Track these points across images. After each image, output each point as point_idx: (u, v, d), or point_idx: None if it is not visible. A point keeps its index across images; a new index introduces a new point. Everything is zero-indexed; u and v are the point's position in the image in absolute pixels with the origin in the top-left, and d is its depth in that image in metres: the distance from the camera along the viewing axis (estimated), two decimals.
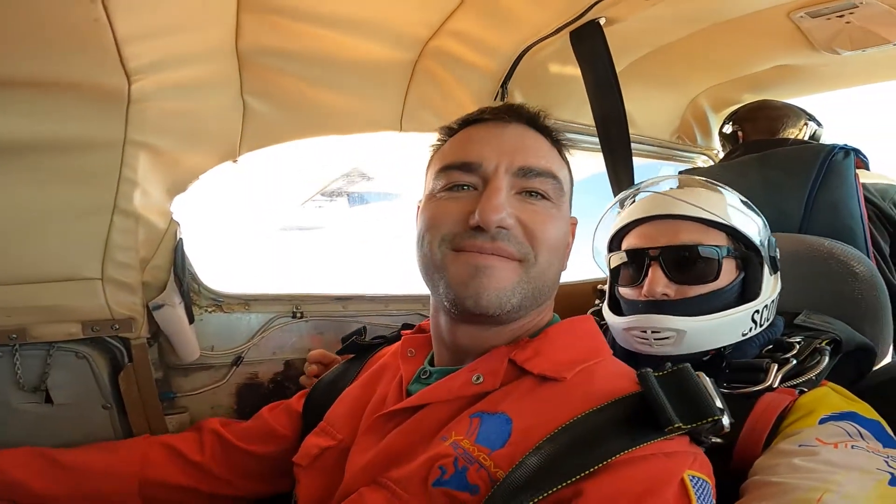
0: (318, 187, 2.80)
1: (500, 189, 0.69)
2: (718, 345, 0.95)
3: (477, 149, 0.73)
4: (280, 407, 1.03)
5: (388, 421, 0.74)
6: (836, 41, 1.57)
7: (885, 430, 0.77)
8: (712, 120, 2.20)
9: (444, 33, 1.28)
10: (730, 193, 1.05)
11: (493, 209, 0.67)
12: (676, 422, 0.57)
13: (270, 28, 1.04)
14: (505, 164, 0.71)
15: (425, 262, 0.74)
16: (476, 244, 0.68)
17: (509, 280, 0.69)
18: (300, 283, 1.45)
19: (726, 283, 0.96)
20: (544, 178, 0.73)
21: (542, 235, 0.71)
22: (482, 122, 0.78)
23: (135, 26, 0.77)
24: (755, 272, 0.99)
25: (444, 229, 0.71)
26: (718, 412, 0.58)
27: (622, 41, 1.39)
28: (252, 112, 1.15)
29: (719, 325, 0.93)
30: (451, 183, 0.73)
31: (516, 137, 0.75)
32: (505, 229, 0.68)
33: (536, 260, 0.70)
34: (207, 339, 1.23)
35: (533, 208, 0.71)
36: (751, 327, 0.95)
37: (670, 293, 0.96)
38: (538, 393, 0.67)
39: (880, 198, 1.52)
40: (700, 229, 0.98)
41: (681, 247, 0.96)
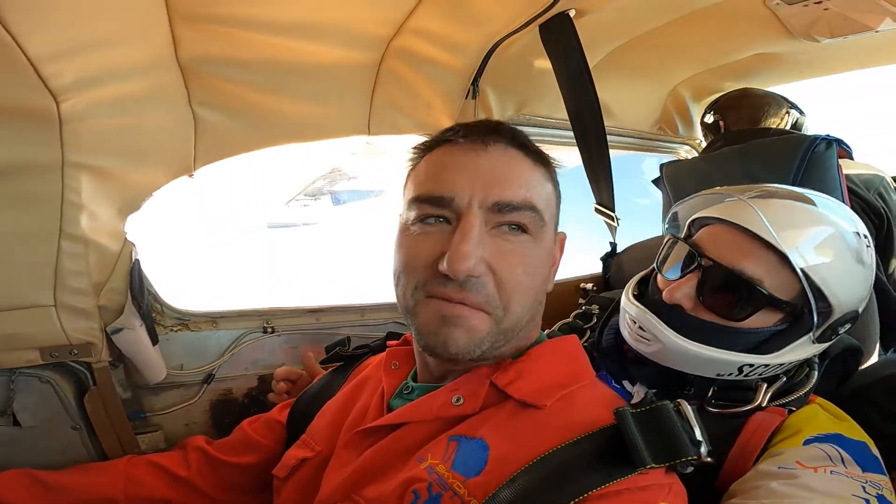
0: (301, 187, 2.77)
1: (470, 230, 0.64)
2: (690, 371, 0.90)
3: (450, 180, 0.68)
4: (260, 420, 1.02)
5: (367, 437, 0.73)
6: (815, 28, 1.53)
7: (869, 452, 0.76)
8: (693, 109, 2.17)
9: (406, 32, 1.23)
10: (853, 227, 0.88)
11: (462, 257, 0.62)
12: (649, 463, 0.56)
13: (210, 38, 0.99)
14: (479, 198, 0.66)
15: (401, 304, 0.72)
16: (445, 292, 0.65)
17: (479, 330, 0.66)
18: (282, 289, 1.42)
19: (747, 328, 0.86)
20: (522, 211, 0.67)
21: (514, 282, 0.67)
22: (455, 144, 0.71)
23: (49, 45, 0.74)
24: (793, 334, 0.87)
25: (417, 275, 0.67)
26: (693, 452, 0.57)
27: (594, 32, 1.35)
28: (204, 124, 1.10)
29: (698, 356, 0.87)
30: (423, 215, 0.69)
31: (492, 165, 0.68)
32: (475, 277, 0.64)
33: (507, 310, 0.67)
34: (176, 357, 1.22)
35: (507, 249, 0.67)
36: (731, 374, 0.88)
37: (686, 306, 0.89)
38: (517, 419, 0.66)
39: (865, 189, 1.48)
40: (772, 264, 0.84)
41: (732, 274, 0.85)
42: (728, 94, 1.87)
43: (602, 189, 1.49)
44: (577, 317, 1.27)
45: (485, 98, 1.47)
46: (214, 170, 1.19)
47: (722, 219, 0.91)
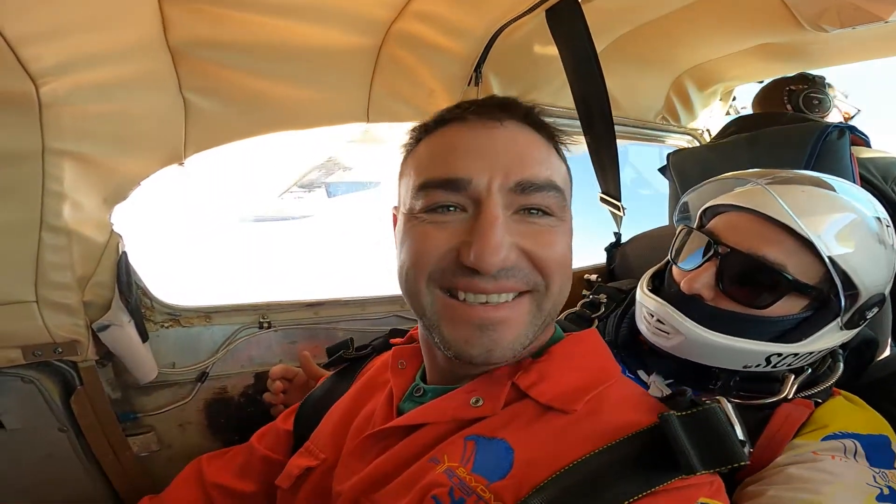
0: (295, 178, 2.71)
1: (496, 219, 0.58)
2: (715, 364, 0.86)
3: (463, 160, 0.61)
4: (269, 433, 0.95)
5: (378, 441, 0.68)
6: (824, 18, 1.49)
7: (886, 447, 0.74)
8: (696, 99, 2.14)
9: (408, 15, 1.19)
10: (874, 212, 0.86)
11: (492, 251, 0.56)
12: (699, 469, 0.53)
13: (202, 19, 0.95)
14: (499, 180, 0.59)
15: (411, 300, 0.65)
16: (474, 285, 0.59)
17: (521, 324, 0.61)
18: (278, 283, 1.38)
19: (774, 315, 0.83)
20: (546, 191, 0.61)
21: (552, 262, 0.61)
22: (464, 122, 0.64)
23: (28, 27, 0.70)
24: (820, 320, 0.84)
25: (431, 266, 0.61)
26: (745, 456, 0.54)
27: (601, 19, 1.31)
28: (195, 110, 1.05)
29: (724, 347, 0.83)
30: (433, 203, 0.61)
31: (509, 143, 0.62)
32: (507, 269, 0.59)
33: (548, 290, 0.62)
34: (167, 355, 1.18)
35: (536, 230, 0.61)
36: (759, 364, 0.84)
37: (706, 296, 0.85)
38: (543, 423, 0.61)
39: (881, 179, 1.43)
40: (794, 249, 0.81)
41: (752, 259, 0.82)
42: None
43: (608, 178, 1.46)
44: (584, 306, 1.23)
45: (487, 85, 1.43)
46: (208, 159, 1.14)
47: (738, 206, 0.88)
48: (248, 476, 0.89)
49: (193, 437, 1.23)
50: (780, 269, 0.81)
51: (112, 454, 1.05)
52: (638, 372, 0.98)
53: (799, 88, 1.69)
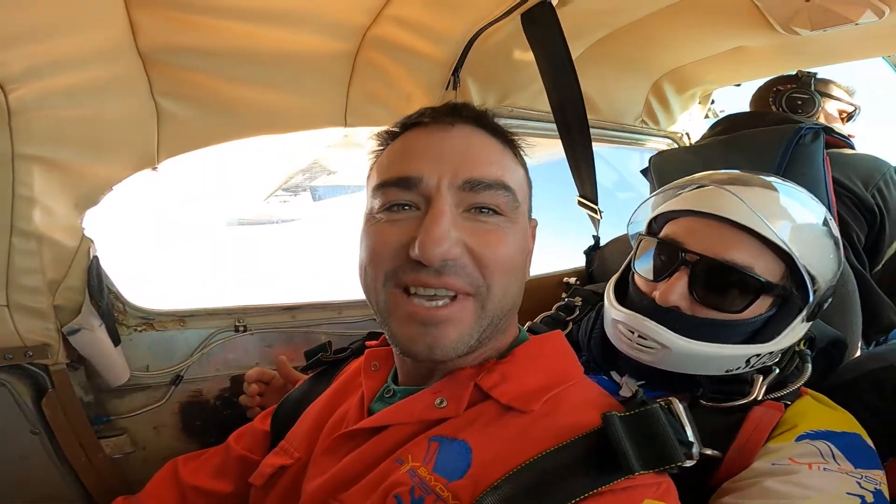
0: (279, 182, 2.70)
1: (442, 213, 0.60)
2: (697, 372, 0.86)
3: (416, 160, 0.64)
4: (247, 433, 0.96)
5: (347, 441, 0.70)
6: (795, 21, 1.52)
7: (862, 444, 0.75)
8: (675, 102, 2.16)
9: (384, 20, 1.19)
10: (820, 212, 0.89)
11: (435, 241, 0.58)
12: (637, 469, 0.54)
13: (171, 25, 0.95)
14: (448, 177, 0.62)
15: (370, 299, 0.67)
16: (420, 279, 0.60)
17: (465, 324, 0.62)
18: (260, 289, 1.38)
19: (746, 318, 0.84)
20: (495, 190, 0.64)
21: (495, 261, 0.63)
22: (421, 127, 0.68)
23: None
24: (787, 316, 0.86)
25: (386, 264, 0.63)
26: (681, 456, 0.56)
27: (578, 23, 1.32)
28: (168, 115, 1.05)
29: (708, 355, 0.84)
30: (388, 202, 0.64)
31: (461, 143, 0.65)
32: (452, 260, 0.60)
33: (490, 291, 0.63)
34: (140, 359, 1.18)
35: (483, 228, 0.63)
36: (739, 367, 0.86)
37: (683, 307, 0.85)
38: (502, 422, 0.63)
39: (862, 185, 1.43)
40: (757, 250, 0.83)
41: (724, 266, 0.82)
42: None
43: (585, 182, 1.47)
44: (559, 309, 1.24)
45: (465, 89, 1.44)
46: (193, 164, 1.14)
47: (695, 210, 0.88)
48: (225, 476, 0.89)
49: (168, 440, 1.23)
50: (749, 271, 0.82)
51: (84, 456, 1.04)
52: (611, 373, 0.99)
53: (784, 88, 1.70)
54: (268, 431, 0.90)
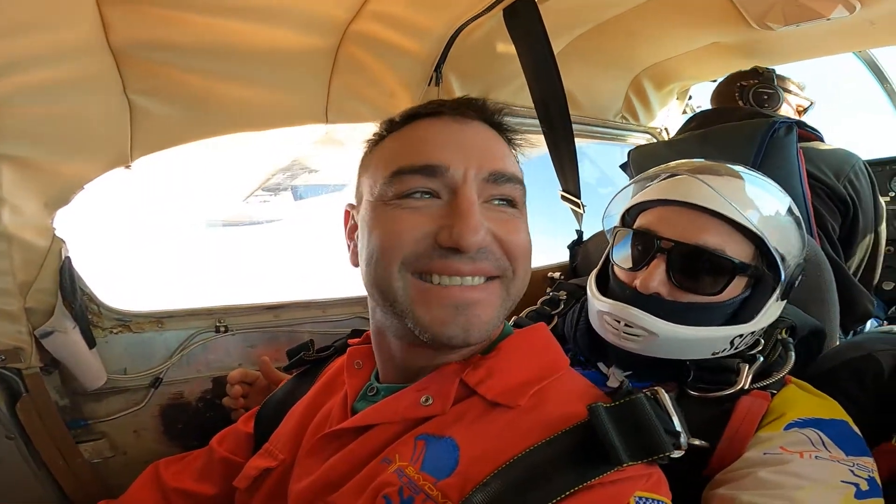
0: (259, 181, 2.66)
1: (473, 202, 0.61)
2: (684, 357, 0.88)
3: (439, 149, 0.64)
4: (230, 436, 0.94)
5: (331, 442, 0.69)
6: (769, 16, 1.55)
7: (849, 431, 0.76)
8: (654, 98, 2.19)
9: (365, 15, 1.18)
10: (783, 197, 0.93)
11: (472, 230, 0.59)
12: (626, 461, 0.54)
13: (143, 20, 0.93)
14: (474, 169, 0.63)
15: (381, 288, 0.64)
16: (452, 266, 0.60)
17: (494, 305, 0.64)
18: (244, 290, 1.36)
19: (725, 299, 0.87)
20: (513, 183, 0.66)
21: (518, 248, 0.65)
22: (438, 117, 0.68)
23: None
24: (762, 296, 0.89)
25: (405, 249, 0.61)
26: (668, 447, 0.56)
27: (558, 18, 1.33)
28: (141, 112, 1.03)
29: (694, 339, 0.86)
30: (409, 189, 0.62)
31: (480, 138, 0.67)
32: (484, 248, 0.61)
33: (515, 274, 0.65)
34: (117, 361, 1.15)
35: (504, 218, 0.65)
36: (724, 349, 0.88)
37: (663, 293, 0.87)
38: (489, 418, 0.63)
39: (834, 176, 1.46)
40: (727, 233, 0.86)
41: (698, 249, 0.85)
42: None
43: (568, 176, 1.48)
44: (544, 303, 1.25)
45: (448, 85, 1.43)
46: (164, 163, 1.11)
47: (666, 199, 0.91)
48: (209, 479, 0.87)
49: (149, 443, 1.20)
50: (721, 253, 0.85)
51: (62, 461, 1.02)
52: (598, 364, 0.99)
53: (749, 84, 1.72)
54: (251, 433, 0.89)
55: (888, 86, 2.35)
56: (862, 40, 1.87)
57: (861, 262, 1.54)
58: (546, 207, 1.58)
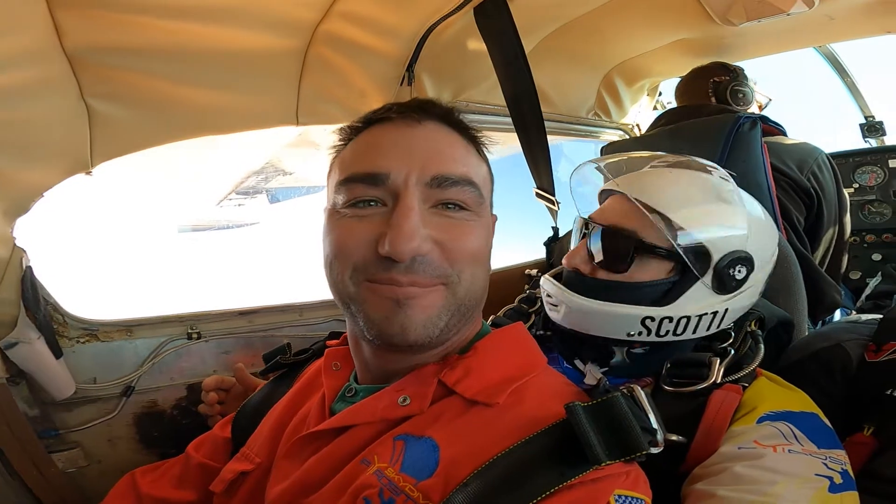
0: (232, 185, 2.60)
1: (411, 209, 0.60)
2: (602, 334, 0.92)
3: (383, 156, 0.63)
4: (206, 442, 0.92)
5: (309, 444, 0.68)
6: (731, 12, 1.60)
7: (820, 423, 0.77)
8: (625, 94, 2.22)
9: (334, 16, 1.17)
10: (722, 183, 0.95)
11: (406, 238, 0.58)
12: (605, 460, 0.54)
13: (98, 25, 0.90)
14: (416, 173, 0.62)
15: (338, 292, 0.65)
16: (390, 277, 0.60)
17: (435, 305, 0.62)
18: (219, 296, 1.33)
19: (641, 281, 0.91)
20: (461, 186, 0.64)
21: (463, 253, 0.63)
22: (388, 122, 0.67)
23: None
24: (684, 283, 0.90)
25: (354, 258, 0.62)
26: (646, 445, 0.56)
27: (529, 16, 1.34)
28: (100, 117, 1.00)
29: (599, 312, 0.90)
30: (354, 198, 0.63)
31: (428, 140, 0.65)
32: (421, 256, 0.60)
33: (460, 279, 0.64)
34: (86, 371, 1.13)
35: (451, 223, 0.64)
36: (640, 331, 0.89)
37: (584, 269, 0.94)
38: (468, 417, 0.62)
39: (797, 169, 1.50)
40: (645, 221, 0.90)
41: (610, 229, 0.93)
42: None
43: (542, 174, 1.49)
44: (521, 301, 1.25)
45: (420, 85, 1.43)
46: (130, 169, 1.08)
47: (609, 189, 1.01)
48: (187, 485, 0.86)
49: (125, 452, 1.19)
50: (630, 234, 0.90)
51: (36, 471, 1.01)
52: (575, 361, 1.01)
53: (724, 80, 1.74)
54: (228, 438, 0.88)
55: (848, 80, 2.43)
56: (821, 35, 1.93)
57: (827, 253, 1.58)
58: (522, 205, 1.60)
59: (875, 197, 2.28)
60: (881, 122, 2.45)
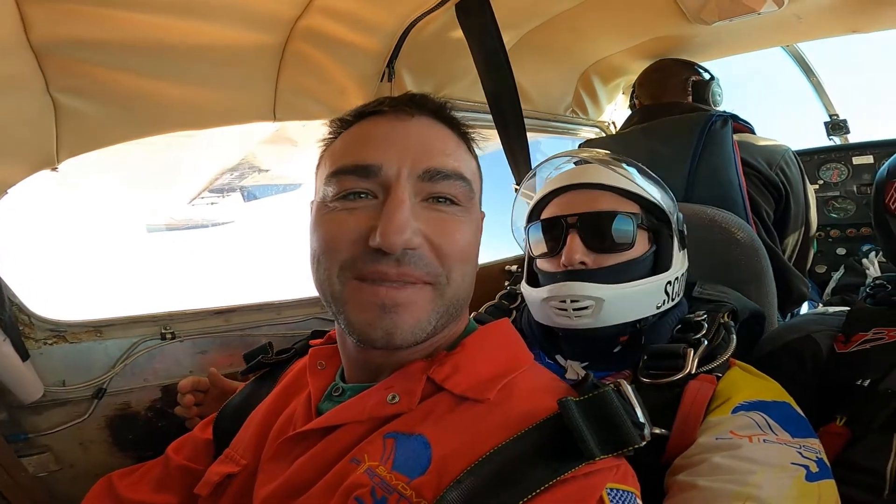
0: (204, 183, 2.54)
1: (403, 202, 0.60)
2: (634, 317, 0.93)
3: (374, 149, 0.63)
4: (187, 443, 0.90)
5: (297, 444, 0.67)
6: (705, 11, 1.63)
7: (792, 412, 0.78)
8: (601, 92, 2.25)
9: (314, 11, 1.15)
10: (637, 165, 1.05)
11: (397, 229, 0.58)
12: (598, 455, 0.54)
13: (68, 18, 0.87)
14: (408, 166, 0.62)
15: (323, 290, 0.64)
16: (380, 270, 0.59)
17: (423, 310, 0.62)
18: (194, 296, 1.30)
19: (640, 254, 0.95)
20: (453, 180, 0.64)
21: (453, 250, 0.63)
22: (380, 115, 0.67)
23: None
24: (666, 244, 0.98)
25: (343, 253, 0.61)
26: (638, 439, 0.56)
27: (510, 13, 1.35)
28: (68, 112, 0.97)
29: (635, 294, 0.92)
30: (344, 190, 0.62)
31: (421, 134, 0.65)
32: (411, 250, 0.60)
33: (449, 279, 0.63)
34: (55, 373, 1.10)
35: (441, 217, 0.63)
36: (664, 300, 0.95)
37: (588, 262, 0.93)
38: (458, 414, 0.62)
39: (766, 165, 1.55)
40: (615, 199, 0.96)
41: (599, 214, 0.94)
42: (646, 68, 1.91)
43: (522, 170, 1.49)
44: (502, 297, 1.26)
45: (401, 81, 1.42)
46: (98, 166, 1.05)
47: (558, 188, 1.01)
48: (168, 488, 0.83)
49: (98, 455, 1.16)
50: (614, 212, 0.94)
51: (6, 475, 0.97)
52: (556, 357, 1.01)
53: (701, 81, 1.78)
54: (210, 440, 0.86)
55: (814, 79, 2.50)
56: (789, 35, 1.99)
57: (795, 247, 1.63)
58: (497, 202, 1.60)
59: (839, 193, 2.36)
60: (845, 121, 2.52)
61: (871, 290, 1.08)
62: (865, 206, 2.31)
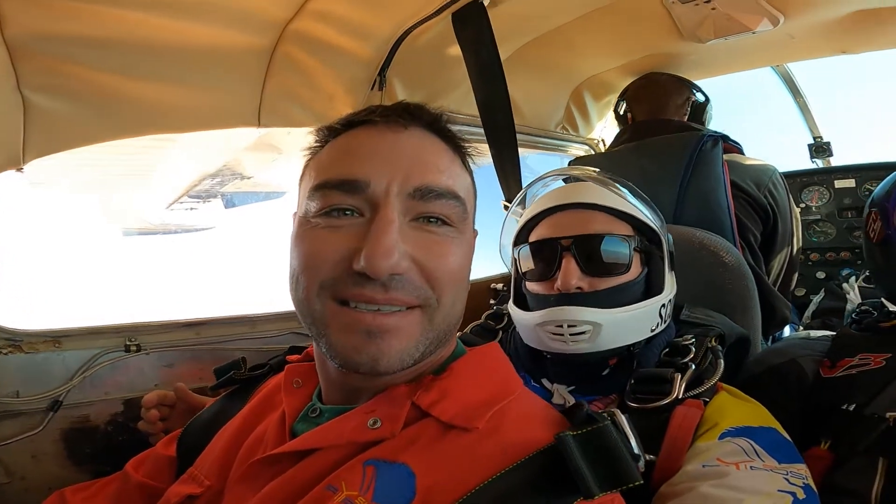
0: (184, 188, 2.48)
1: (390, 222, 0.55)
2: (630, 341, 0.92)
3: (363, 162, 0.59)
4: (148, 460, 0.84)
5: (268, 467, 0.61)
6: (701, 29, 1.65)
7: (779, 438, 0.78)
8: (592, 109, 2.25)
9: (306, 14, 1.12)
10: (629, 185, 1.03)
11: (384, 254, 0.54)
12: (597, 493, 0.51)
13: (45, 12, 0.83)
14: (398, 183, 0.58)
15: (302, 311, 0.60)
16: (364, 294, 0.55)
17: (411, 336, 0.58)
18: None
19: (635, 276, 0.94)
20: (446, 199, 0.60)
21: (444, 273, 0.59)
22: (370, 125, 0.62)
23: None
24: (657, 266, 0.97)
25: (323, 273, 0.57)
26: (638, 475, 0.54)
27: (507, 25, 1.33)
28: (37, 110, 0.92)
29: (631, 318, 0.91)
30: (329, 206, 0.58)
31: (413, 147, 0.61)
32: (398, 275, 0.56)
33: (440, 302, 0.60)
34: (8, 384, 1.04)
35: (432, 240, 0.59)
36: (657, 323, 0.94)
37: (584, 286, 0.91)
38: (445, 443, 0.58)
39: (755, 186, 1.55)
40: (609, 220, 0.95)
41: (594, 236, 0.92)
42: (635, 81, 1.90)
43: (511, 186, 1.47)
44: (488, 317, 1.23)
45: (392, 90, 1.40)
46: (67, 167, 1.00)
47: (547, 209, 0.99)
48: None
49: (52, 468, 1.10)
50: (615, 233, 0.93)
51: None
52: (542, 381, 0.99)
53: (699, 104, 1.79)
54: (173, 457, 0.80)
55: (801, 100, 2.52)
56: (782, 54, 2.02)
57: (781, 269, 1.64)
58: (489, 215, 1.57)
59: (820, 216, 2.39)
60: (828, 143, 2.55)
61: (857, 315, 1.08)
62: (846, 231, 2.35)
